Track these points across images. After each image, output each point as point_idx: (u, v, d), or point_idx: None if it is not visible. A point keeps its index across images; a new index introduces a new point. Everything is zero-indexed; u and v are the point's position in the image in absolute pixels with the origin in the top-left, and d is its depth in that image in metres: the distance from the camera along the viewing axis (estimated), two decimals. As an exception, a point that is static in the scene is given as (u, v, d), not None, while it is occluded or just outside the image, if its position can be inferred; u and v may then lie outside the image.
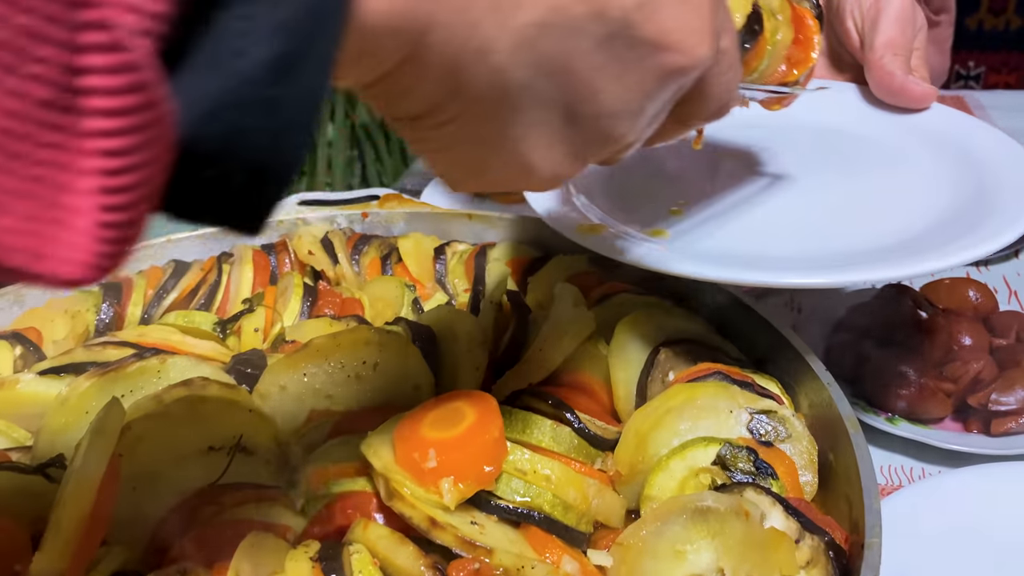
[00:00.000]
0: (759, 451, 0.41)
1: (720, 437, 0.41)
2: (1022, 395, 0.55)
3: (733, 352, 0.50)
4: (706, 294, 0.55)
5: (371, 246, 0.63)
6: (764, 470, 0.40)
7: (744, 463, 0.40)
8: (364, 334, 0.47)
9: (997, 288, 0.74)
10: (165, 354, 0.46)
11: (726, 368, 0.46)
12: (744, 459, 0.40)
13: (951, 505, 0.48)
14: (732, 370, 0.46)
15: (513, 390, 0.45)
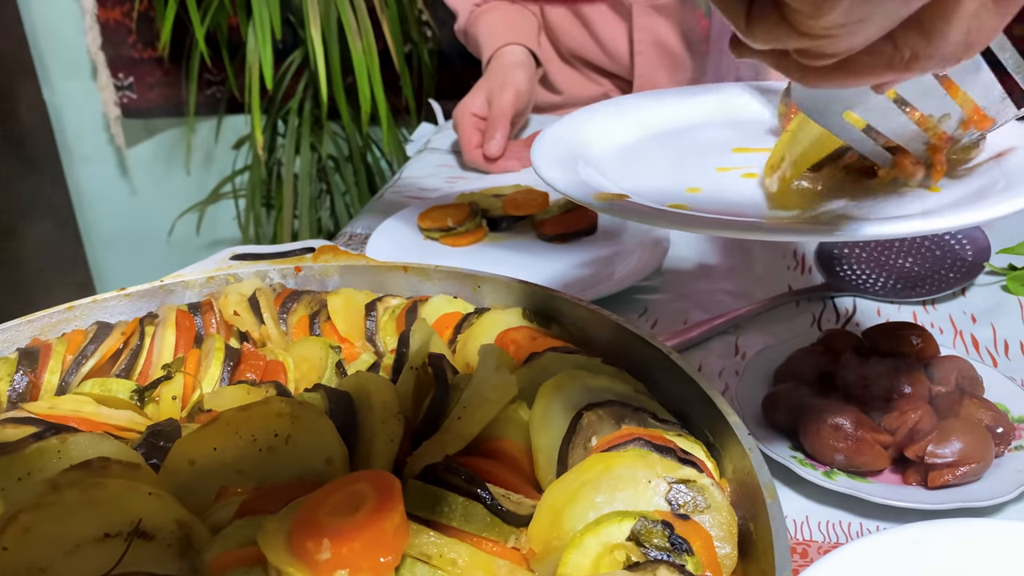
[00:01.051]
0: (675, 525, 0.39)
1: (636, 510, 0.40)
2: (958, 447, 0.54)
3: (660, 413, 0.49)
4: (635, 351, 0.54)
5: (300, 303, 0.61)
6: (679, 546, 0.39)
7: (659, 539, 0.39)
8: (276, 406, 0.46)
9: (943, 328, 0.74)
10: (66, 432, 0.45)
11: (648, 433, 0.45)
12: (659, 534, 0.39)
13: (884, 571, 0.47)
14: (655, 434, 0.45)
15: (427, 463, 0.44)
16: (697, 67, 1.27)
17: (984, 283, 0.80)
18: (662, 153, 0.64)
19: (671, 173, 0.60)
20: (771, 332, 0.75)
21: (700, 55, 1.26)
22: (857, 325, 0.75)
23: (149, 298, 0.65)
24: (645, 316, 0.79)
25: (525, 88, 1.16)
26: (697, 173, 0.58)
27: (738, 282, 0.83)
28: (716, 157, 0.59)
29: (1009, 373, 0.68)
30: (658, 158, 0.63)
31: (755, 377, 0.65)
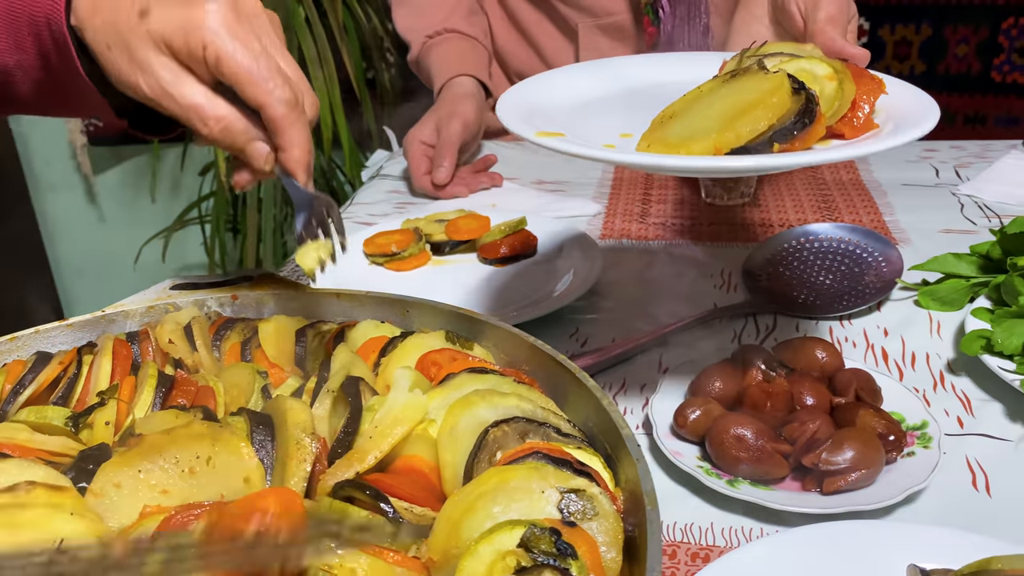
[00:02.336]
0: (562, 531, 0.42)
1: (527, 519, 0.43)
2: (850, 454, 0.58)
3: (565, 427, 0.52)
4: (549, 369, 0.58)
5: (233, 331, 0.64)
6: (565, 551, 0.42)
7: (546, 544, 0.42)
8: (198, 429, 0.49)
9: (856, 342, 0.78)
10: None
11: (547, 446, 0.48)
12: (546, 540, 0.42)
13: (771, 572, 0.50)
14: (553, 448, 0.48)
15: (338, 480, 0.47)
16: None
17: (898, 298, 0.85)
18: (614, 106, 0.72)
19: (613, 122, 0.68)
20: (694, 348, 0.78)
21: None
22: (775, 340, 0.78)
23: (91, 328, 0.67)
24: (576, 335, 0.82)
25: (473, 118, 1.20)
26: (635, 122, 0.64)
27: (667, 300, 0.87)
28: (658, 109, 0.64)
29: (913, 383, 0.72)
30: (609, 110, 0.71)
31: (671, 391, 0.69)
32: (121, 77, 0.58)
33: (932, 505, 0.59)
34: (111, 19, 0.57)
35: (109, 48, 0.58)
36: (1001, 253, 0.80)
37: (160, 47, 0.57)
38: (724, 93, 0.61)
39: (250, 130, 0.60)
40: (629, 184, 1.18)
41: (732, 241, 0.99)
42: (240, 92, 0.58)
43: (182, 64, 0.58)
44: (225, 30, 0.57)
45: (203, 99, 0.58)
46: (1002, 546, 0.50)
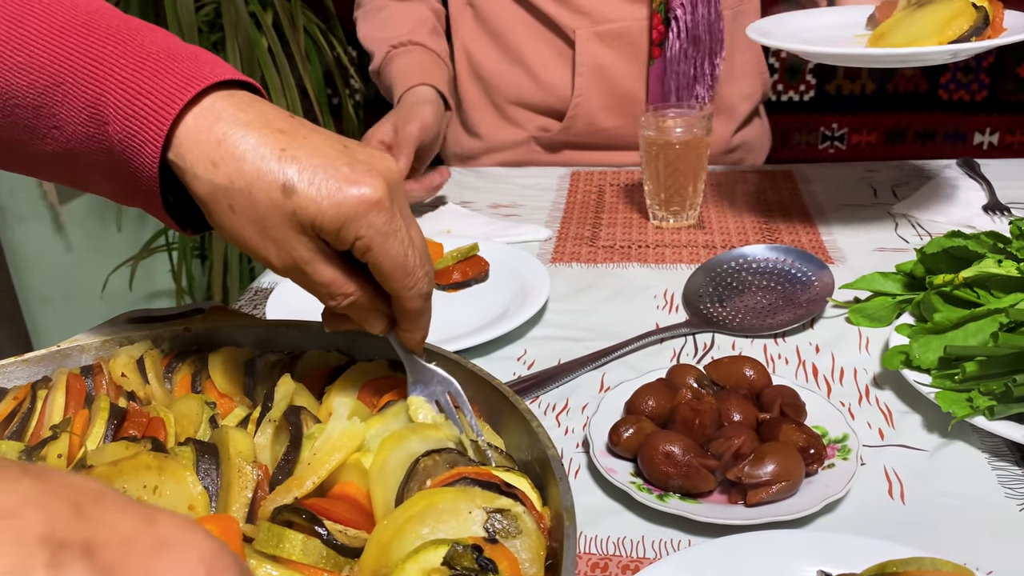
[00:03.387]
0: (484, 548, 0.45)
1: (451, 538, 0.46)
2: (771, 468, 0.61)
3: (497, 457, 0.55)
4: (486, 393, 0.61)
5: (185, 363, 0.67)
6: (486, 567, 0.45)
7: (468, 561, 0.45)
8: (144, 459, 0.51)
9: (789, 359, 0.82)
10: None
11: (474, 471, 0.51)
12: (468, 558, 0.45)
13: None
14: (481, 472, 0.51)
15: (277, 506, 0.49)
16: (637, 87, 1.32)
17: (830, 316, 0.89)
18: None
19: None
20: (635, 367, 0.82)
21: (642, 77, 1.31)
22: (712, 358, 0.82)
23: (46, 362, 0.69)
24: (524, 357, 0.85)
25: (431, 122, 1.21)
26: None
27: (611, 322, 0.90)
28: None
29: (840, 398, 0.76)
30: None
31: (609, 410, 0.72)
32: (243, 241, 0.53)
33: (850, 514, 0.62)
34: (242, 184, 0.50)
35: (233, 210, 0.51)
36: (923, 271, 0.84)
37: (303, 228, 0.51)
38: (922, 15, 0.94)
39: (375, 304, 0.56)
40: (581, 208, 1.21)
41: (677, 262, 1.03)
42: (380, 280, 0.54)
43: (321, 241, 0.52)
44: (382, 221, 0.51)
45: (336, 277, 0.54)
46: (906, 551, 0.54)
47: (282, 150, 0.51)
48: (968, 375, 0.68)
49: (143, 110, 0.51)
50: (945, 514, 0.62)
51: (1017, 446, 0.67)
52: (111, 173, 0.55)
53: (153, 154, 0.51)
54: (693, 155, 1.07)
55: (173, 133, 0.51)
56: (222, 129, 0.51)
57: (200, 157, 0.51)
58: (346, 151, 0.52)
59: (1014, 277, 0.74)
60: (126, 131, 0.51)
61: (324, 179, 0.50)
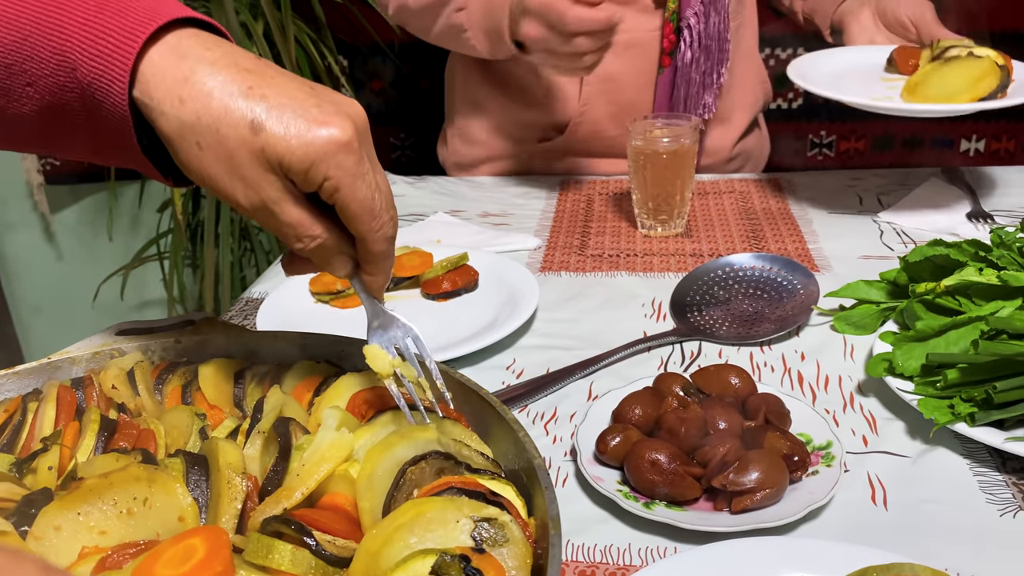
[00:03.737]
0: (472, 558, 0.46)
1: (439, 548, 0.47)
2: (756, 475, 0.62)
3: (477, 462, 0.56)
4: (473, 402, 0.61)
5: (175, 374, 0.67)
6: (472, 574, 0.45)
7: (455, 571, 0.45)
8: (135, 471, 0.52)
9: (775, 367, 0.83)
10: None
11: (461, 480, 0.52)
12: (455, 567, 0.45)
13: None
14: (467, 481, 0.52)
15: (266, 516, 0.50)
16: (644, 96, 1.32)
17: (816, 324, 0.90)
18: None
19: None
20: (623, 375, 0.83)
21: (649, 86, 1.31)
22: (699, 366, 0.83)
23: (37, 375, 0.70)
24: (513, 367, 0.86)
25: None
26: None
27: (600, 330, 0.91)
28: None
29: (825, 405, 0.77)
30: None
31: (596, 418, 0.72)
32: (210, 179, 0.53)
33: (834, 520, 0.63)
34: (209, 121, 0.50)
35: (200, 147, 0.51)
36: (906, 279, 0.85)
37: (271, 166, 0.51)
38: (951, 71, 1.04)
39: (340, 247, 0.57)
40: (570, 217, 1.22)
41: (664, 271, 1.04)
42: (346, 222, 0.55)
43: (288, 181, 0.53)
44: (351, 163, 0.52)
45: (303, 218, 0.54)
46: (889, 556, 0.54)
47: (249, 88, 0.51)
48: (950, 382, 0.69)
49: (107, 48, 0.50)
50: (928, 520, 0.62)
51: (998, 452, 0.68)
52: (87, 124, 0.54)
53: (121, 92, 0.51)
54: (680, 165, 1.08)
55: (138, 70, 0.51)
56: (188, 66, 0.51)
57: (167, 94, 0.51)
58: (314, 92, 0.52)
59: (994, 285, 0.75)
60: (93, 72, 0.51)
61: (293, 118, 0.50)
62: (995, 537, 0.61)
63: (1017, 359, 0.67)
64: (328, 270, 0.58)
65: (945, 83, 1.04)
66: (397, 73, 2.21)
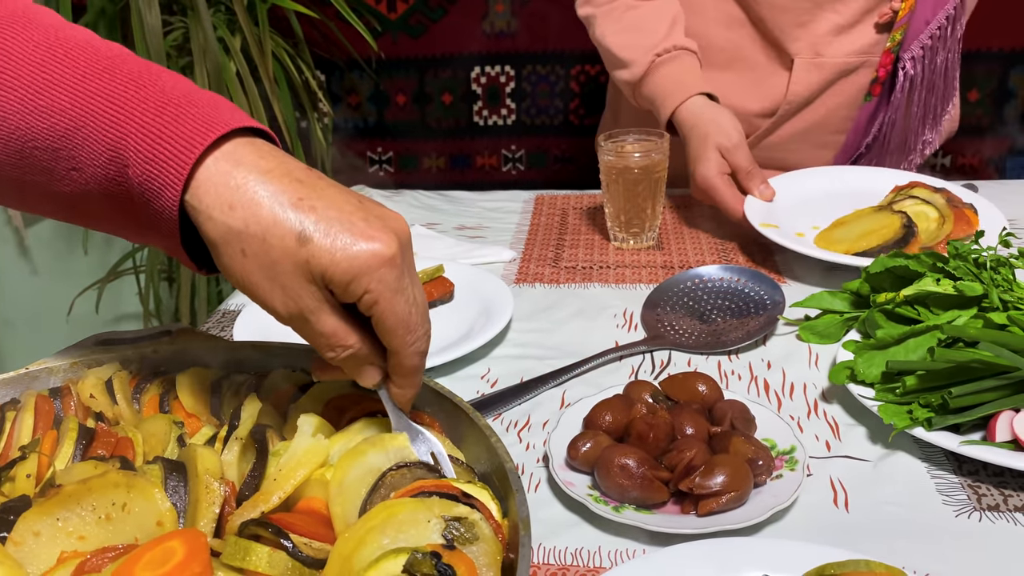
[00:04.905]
0: (443, 554, 0.47)
1: (410, 547, 0.48)
2: (721, 478, 0.64)
3: (459, 469, 0.57)
4: (447, 409, 0.63)
5: (153, 384, 0.68)
6: (444, 572, 0.47)
7: (427, 567, 0.47)
8: (113, 477, 0.53)
9: (742, 375, 0.85)
10: (-82, 513, 0.51)
11: (435, 484, 0.53)
12: (427, 564, 0.47)
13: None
14: (441, 484, 0.53)
15: (244, 520, 0.51)
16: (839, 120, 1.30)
17: (782, 333, 0.92)
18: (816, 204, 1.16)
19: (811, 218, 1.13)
20: (595, 384, 0.84)
21: (849, 112, 1.28)
22: (668, 375, 0.85)
23: (14, 385, 0.70)
24: (488, 376, 0.88)
25: (738, 131, 1.19)
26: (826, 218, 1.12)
27: (573, 339, 0.93)
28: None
29: (790, 412, 0.79)
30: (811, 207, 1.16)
31: (568, 425, 0.74)
32: (250, 286, 0.53)
33: (798, 522, 0.65)
34: (257, 229, 0.51)
35: (244, 254, 0.52)
36: (868, 290, 0.88)
37: (313, 277, 0.51)
38: (868, 218, 1.05)
39: (371, 358, 0.57)
40: (545, 230, 1.24)
41: (636, 282, 1.06)
42: (380, 335, 0.55)
43: (327, 292, 0.53)
44: (392, 278, 0.52)
45: (338, 328, 0.54)
46: (848, 555, 0.56)
47: (300, 199, 0.51)
48: (908, 388, 0.72)
49: (164, 153, 0.51)
50: (886, 521, 0.65)
51: (954, 455, 0.71)
52: (129, 214, 0.55)
53: (173, 197, 0.52)
54: (651, 179, 1.10)
55: (192, 176, 0.52)
56: (242, 174, 0.52)
57: (217, 199, 0.51)
58: (361, 206, 0.53)
59: (951, 295, 0.78)
60: (146, 174, 0.52)
61: (339, 231, 0.51)
62: (951, 537, 0.63)
63: (971, 366, 0.69)
64: (357, 379, 0.58)
65: (849, 230, 1.04)
66: (374, 88, 2.23)
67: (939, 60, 1.22)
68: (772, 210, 1.13)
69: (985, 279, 0.79)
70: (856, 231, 1.03)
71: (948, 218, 1.01)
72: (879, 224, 1.01)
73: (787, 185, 1.18)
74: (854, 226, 1.04)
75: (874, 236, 1.00)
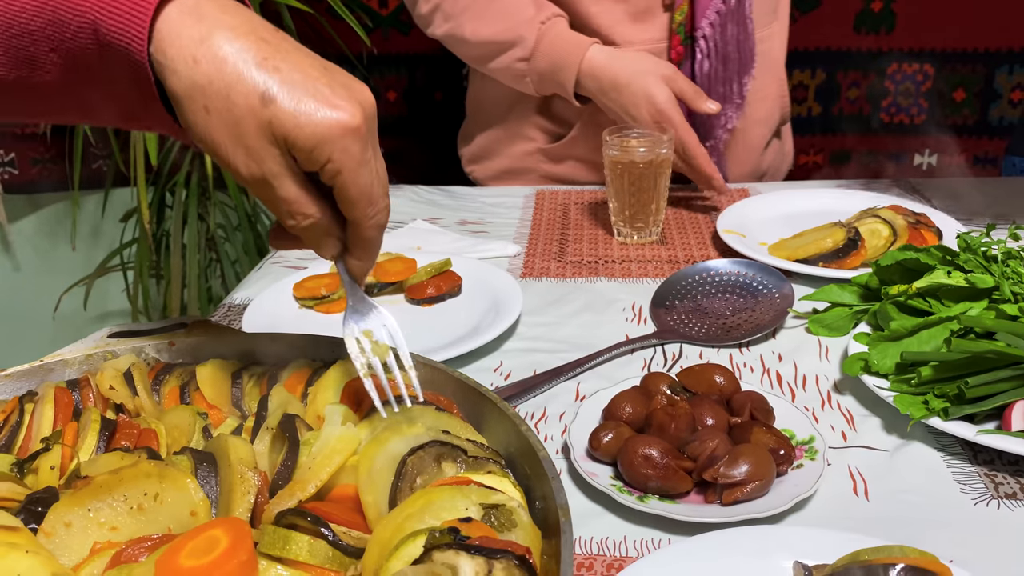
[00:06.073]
0: (460, 528, 0.46)
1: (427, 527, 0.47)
2: (745, 468, 0.64)
3: (473, 449, 0.56)
4: (472, 399, 0.63)
5: (172, 375, 0.68)
6: (461, 542, 0.46)
7: (447, 542, 0.46)
8: (145, 468, 0.52)
9: (754, 367, 0.85)
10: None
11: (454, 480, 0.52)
12: (446, 538, 0.46)
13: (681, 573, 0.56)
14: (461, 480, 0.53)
15: (280, 510, 0.51)
16: None
17: (791, 326, 0.93)
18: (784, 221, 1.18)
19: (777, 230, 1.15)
20: (608, 376, 0.85)
21: None
22: (680, 367, 0.85)
23: (29, 377, 0.70)
24: (500, 369, 0.87)
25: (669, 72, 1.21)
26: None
27: (583, 333, 0.93)
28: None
29: (804, 403, 0.79)
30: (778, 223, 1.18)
31: (587, 417, 0.74)
32: (213, 144, 0.52)
33: (819, 510, 0.66)
34: (221, 85, 0.50)
35: (207, 111, 0.51)
36: (878, 283, 0.89)
37: (276, 140, 0.51)
38: (822, 230, 1.06)
39: (331, 229, 0.57)
40: (547, 225, 1.24)
41: (642, 276, 1.06)
42: (342, 206, 0.55)
43: (290, 158, 0.52)
44: (356, 148, 0.52)
45: (300, 196, 0.54)
46: (874, 542, 0.57)
47: (264, 59, 0.51)
48: (924, 379, 0.73)
49: (126, 5, 0.51)
50: (906, 509, 0.65)
51: (969, 444, 0.72)
52: (110, 87, 0.54)
53: (140, 49, 0.51)
54: (656, 174, 1.11)
55: (155, 28, 0.51)
56: (206, 28, 0.51)
57: (181, 52, 0.50)
58: (326, 72, 0.52)
59: (962, 287, 0.79)
60: (113, 31, 0.51)
61: (304, 96, 0.50)
62: (971, 525, 0.64)
63: (987, 356, 0.70)
64: (315, 249, 0.59)
65: (801, 240, 1.07)
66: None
67: (729, 32, 1.24)
68: (744, 221, 1.17)
69: (995, 271, 0.80)
70: (805, 240, 1.06)
71: (901, 238, 1.03)
72: (826, 235, 1.04)
73: (772, 202, 1.24)
74: (806, 237, 1.07)
75: (813, 246, 1.03)
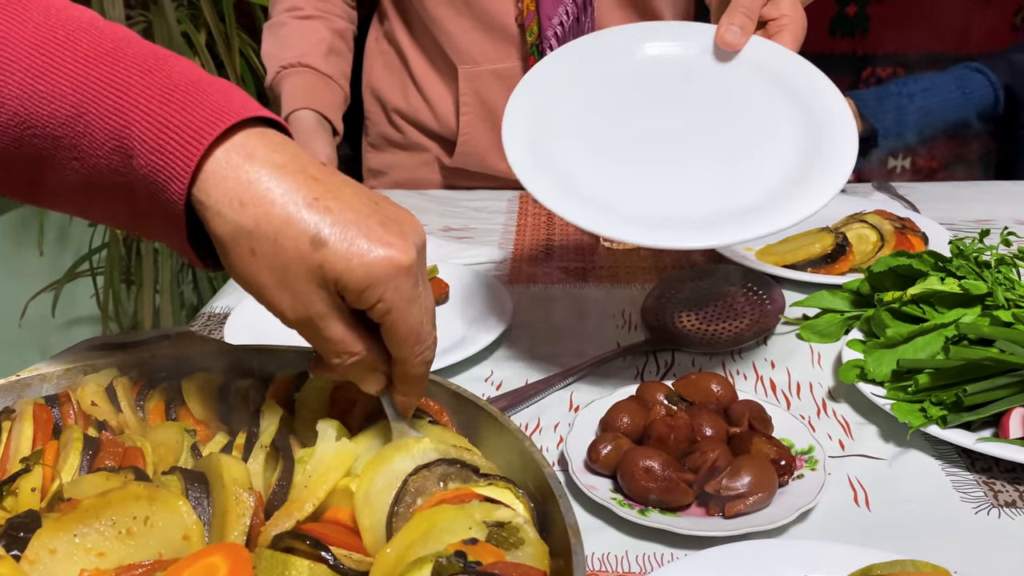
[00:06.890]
0: (467, 552, 0.45)
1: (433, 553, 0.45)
2: (747, 480, 0.63)
3: (483, 466, 0.55)
4: (469, 412, 0.61)
5: (156, 390, 0.65)
6: (472, 568, 0.44)
7: (454, 568, 0.44)
8: (134, 490, 0.50)
9: (747, 374, 0.85)
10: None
11: (455, 494, 0.51)
12: (453, 565, 0.44)
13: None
14: (462, 492, 0.51)
15: (277, 532, 0.49)
16: None
17: (782, 332, 0.92)
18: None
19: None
20: (601, 385, 0.83)
21: None
22: (674, 375, 0.84)
23: (6, 392, 0.66)
24: (491, 379, 0.86)
25: (329, 153, 1.26)
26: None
27: (574, 341, 0.92)
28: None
29: (799, 411, 0.79)
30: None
31: (584, 428, 0.73)
32: (258, 287, 0.50)
33: (821, 521, 0.65)
34: (269, 229, 0.48)
35: (254, 254, 0.49)
36: (869, 289, 0.88)
37: (325, 282, 0.49)
38: (811, 235, 1.05)
39: (376, 364, 0.55)
40: (533, 230, 1.23)
41: (631, 282, 1.05)
42: (389, 343, 0.53)
43: (338, 297, 0.50)
44: (407, 287, 0.50)
45: (346, 335, 0.52)
46: (881, 555, 0.56)
47: (315, 199, 0.49)
48: (921, 386, 0.72)
49: (171, 144, 0.48)
50: (908, 518, 0.65)
51: (966, 452, 0.72)
52: (131, 207, 0.52)
53: (180, 191, 0.49)
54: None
55: (200, 168, 0.49)
56: (254, 168, 0.49)
57: (227, 195, 0.49)
58: (378, 208, 0.51)
59: (956, 293, 0.79)
60: (152, 165, 0.49)
61: (356, 236, 0.48)
62: (973, 534, 0.63)
63: (984, 363, 0.70)
64: (359, 384, 0.56)
65: (788, 245, 1.06)
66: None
67: None
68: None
69: (988, 277, 0.80)
70: (793, 246, 1.05)
71: (889, 243, 1.03)
72: (814, 241, 1.04)
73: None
74: (794, 242, 1.06)
75: (801, 251, 1.03)
